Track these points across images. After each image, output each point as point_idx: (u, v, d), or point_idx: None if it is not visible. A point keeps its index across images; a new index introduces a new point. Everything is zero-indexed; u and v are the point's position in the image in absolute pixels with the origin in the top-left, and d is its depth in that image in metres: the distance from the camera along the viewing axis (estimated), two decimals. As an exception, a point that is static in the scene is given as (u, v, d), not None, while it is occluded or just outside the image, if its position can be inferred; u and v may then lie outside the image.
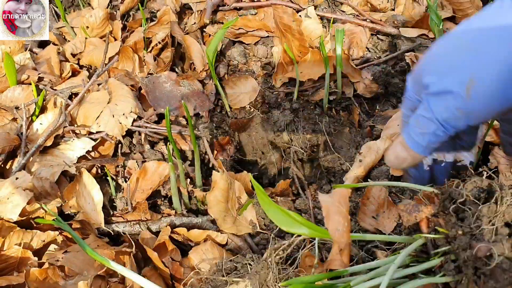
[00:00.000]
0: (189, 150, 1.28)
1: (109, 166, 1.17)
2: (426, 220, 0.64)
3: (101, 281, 0.90)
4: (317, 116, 1.39)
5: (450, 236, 0.59)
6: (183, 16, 1.58)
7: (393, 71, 1.40)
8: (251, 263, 0.86)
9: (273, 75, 1.44)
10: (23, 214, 1.00)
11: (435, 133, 0.60)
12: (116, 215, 1.10)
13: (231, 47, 1.52)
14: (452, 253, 0.59)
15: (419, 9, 1.52)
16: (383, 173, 1.13)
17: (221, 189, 1.06)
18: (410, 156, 0.64)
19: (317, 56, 1.39)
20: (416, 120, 0.62)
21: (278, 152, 1.45)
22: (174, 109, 1.31)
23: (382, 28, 1.46)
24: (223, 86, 1.41)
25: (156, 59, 1.45)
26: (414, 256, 0.64)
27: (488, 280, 0.53)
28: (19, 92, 1.27)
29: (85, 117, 1.23)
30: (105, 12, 1.46)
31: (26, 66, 1.36)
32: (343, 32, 1.27)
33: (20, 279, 0.88)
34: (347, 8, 1.56)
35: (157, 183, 1.14)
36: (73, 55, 1.45)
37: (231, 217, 1.05)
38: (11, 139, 1.15)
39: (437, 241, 0.61)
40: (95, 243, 0.99)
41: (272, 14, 1.51)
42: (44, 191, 1.07)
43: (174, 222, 1.07)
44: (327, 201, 0.60)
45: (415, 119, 0.62)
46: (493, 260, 0.53)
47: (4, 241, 0.95)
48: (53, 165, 1.14)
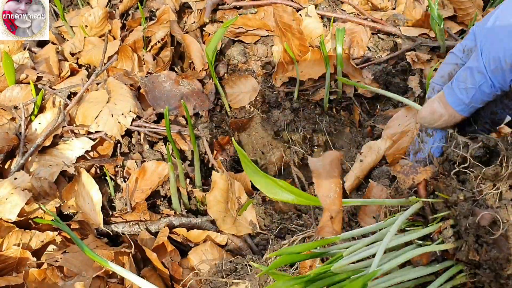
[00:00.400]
0: (188, 150, 1.27)
1: (108, 166, 1.17)
2: (425, 183, 0.61)
3: (100, 282, 0.89)
4: (318, 115, 1.39)
5: (450, 202, 0.55)
6: (183, 15, 1.58)
7: (394, 70, 1.39)
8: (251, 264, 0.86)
9: (273, 75, 1.43)
10: (22, 214, 1.00)
11: (481, 89, 0.58)
12: (115, 215, 1.10)
13: (231, 46, 1.51)
14: (451, 218, 0.56)
15: (420, 8, 1.51)
16: (384, 173, 1.12)
17: (221, 189, 1.05)
18: (447, 114, 0.62)
19: (318, 55, 1.38)
20: (464, 73, 0.60)
21: (278, 152, 1.44)
22: (173, 109, 1.31)
23: (383, 27, 1.46)
24: (222, 86, 1.40)
25: (156, 58, 1.45)
26: (410, 220, 0.60)
27: (490, 250, 0.50)
28: (17, 91, 1.27)
29: (84, 116, 1.22)
30: (104, 11, 1.46)
31: (25, 65, 1.36)
32: (343, 31, 1.27)
33: (19, 280, 0.87)
34: (347, 7, 1.55)
35: (156, 183, 1.14)
36: (72, 54, 1.45)
37: (230, 217, 1.04)
38: (9, 139, 1.14)
39: (435, 205, 0.57)
40: (94, 244, 0.98)
41: (272, 13, 1.50)
42: (42, 191, 1.07)
43: (174, 222, 1.07)
44: (317, 166, 0.56)
45: (462, 71, 0.60)
46: (497, 228, 0.50)
47: (2, 241, 0.94)
48: (51, 165, 1.13)
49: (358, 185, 1.14)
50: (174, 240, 1.05)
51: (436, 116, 0.63)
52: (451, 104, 0.62)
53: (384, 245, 0.51)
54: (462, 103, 0.61)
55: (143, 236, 1.03)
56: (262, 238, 1.04)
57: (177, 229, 1.05)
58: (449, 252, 0.54)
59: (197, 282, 0.89)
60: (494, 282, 0.50)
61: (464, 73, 0.60)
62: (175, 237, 1.05)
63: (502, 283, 0.50)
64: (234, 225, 1.03)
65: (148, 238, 1.03)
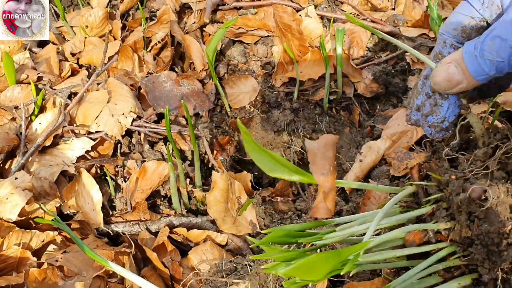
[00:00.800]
0: (188, 150, 1.27)
1: (109, 166, 1.17)
2: (418, 167, 0.61)
3: (100, 282, 0.90)
4: (317, 116, 1.39)
5: (442, 182, 0.56)
6: (183, 15, 1.58)
7: (393, 70, 1.39)
8: (251, 264, 0.86)
9: (273, 75, 1.44)
10: (22, 214, 1.00)
11: (510, 63, 0.51)
12: (116, 215, 1.10)
13: (231, 47, 1.51)
14: (444, 200, 0.56)
15: (420, 8, 1.51)
16: (384, 173, 1.12)
17: (221, 189, 1.05)
18: (466, 81, 0.56)
19: (317, 56, 1.38)
20: (492, 42, 0.52)
21: (278, 152, 1.44)
22: (173, 109, 1.31)
23: (382, 28, 1.46)
24: (223, 86, 1.40)
25: (156, 58, 1.45)
26: (404, 206, 0.60)
27: (482, 224, 0.51)
28: (18, 91, 1.27)
29: (85, 116, 1.22)
30: (104, 11, 1.46)
31: (26, 65, 1.36)
32: (343, 31, 1.27)
33: (19, 279, 0.87)
34: (347, 8, 1.55)
35: (156, 183, 1.14)
36: (72, 54, 1.45)
37: (230, 217, 1.04)
38: (10, 139, 1.14)
39: (428, 189, 0.58)
40: (94, 243, 0.98)
41: (272, 13, 1.50)
42: (43, 191, 1.07)
43: (174, 222, 1.07)
44: (314, 147, 0.58)
45: (489, 40, 0.52)
46: (487, 202, 0.51)
47: (3, 241, 0.94)
48: (52, 165, 1.13)
49: (358, 185, 1.14)
50: (174, 240, 1.05)
51: (452, 83, 0.57)
52: (472, 73, 0.55)
53: (377, 220, 0.52)
54: (485, 74, 0.54)
55: (143, 236, 1.03)
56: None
57: (177, 229, 1.05)
58: (442, 234, 0.55)
59: (197, 282, 0.89)
60: (487, 260, 0.51)
61: (492, 43, 0.52)
62: (175, 237, 1.05)
63: (494, 261, 0.50)
64: (234, 225, 1.04)
65: (148, 238, 1.03)
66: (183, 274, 0.94)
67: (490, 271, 0.51)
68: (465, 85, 0.56)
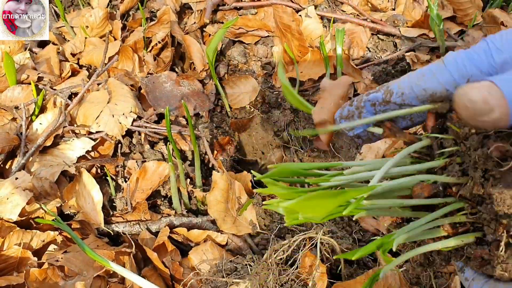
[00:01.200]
0: (189, 150, 1.28)
1: (109, 166, 1.17)
2: (434, 115, 0.55)
3: (100, 281, 0.90)
4: (317, 116, 1.39)
5: (461, 136, 0.52)
6: (183, 15, 1.58)
7: (393, 71, 1.40)
8: (251, 263, 0.86)
9: (273, 75, 1.44)
10: (23, 214, 1.00)
11: None
12: (116, 215, 1.10)
13: (231, 47, 1.51)
14: (459, 155, 0.52)
15: (420, 9, 1.51)
16: (384, 173, 1.12)
17: (221, 189, 1.06)
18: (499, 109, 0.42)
19: (317, 56, 1.39)
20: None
21: (278, 152, 1.45)
22: (174, 109, 1.31)
23: (382, 28, 1.46)
24: (223, 86, 1.41)
25: (156, 58, 1.45)
26: (416, 157, 0.56)
27: (497, 183, 0.48)
28: (18, 91, 1.27)
29: (85, 117, 1.23)
30: (104, 11, 1.46)
31: (26, 65, 1.36)
32: (343, 32, 1.27)
33: (19, 279, 0.88)
34: (347, 8, 1.55)
35: (157, 183, 1.14)
36: (72, 54, 1.45)
37: (231, 217, 1.05)
38: (10, 139, 1.15)
39: (444, 142, 0.54)
40: (94, 243, 0.98)
41: (272, 13, 1.50)
42: (43, 191, 1.07)
43: (174, 222, 1.07)
44: (326, 84, 0.61)
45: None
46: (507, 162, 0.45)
47: (3, 241, 0.95)
48: (52, 165, 1.14)
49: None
50: (174, 240, 1.05)
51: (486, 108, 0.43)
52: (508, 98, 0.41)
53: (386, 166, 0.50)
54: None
55: (144, 236, 1.03)
56: (262, 238, 1.04)
57: (178, 229, 1.05)
58: (452, 189, 0.54)
59: (197, 282, 0.89)
60: (495, 221, 0.50)
61: None
62: (175, 237, 1.05)
63: (502, 222, 0.49)
64: (234, 225, 1.04)
65: (149, 237, 1.03)
66: (184, 274, 0.94)
67: (495, 232, 0.49)
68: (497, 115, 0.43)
